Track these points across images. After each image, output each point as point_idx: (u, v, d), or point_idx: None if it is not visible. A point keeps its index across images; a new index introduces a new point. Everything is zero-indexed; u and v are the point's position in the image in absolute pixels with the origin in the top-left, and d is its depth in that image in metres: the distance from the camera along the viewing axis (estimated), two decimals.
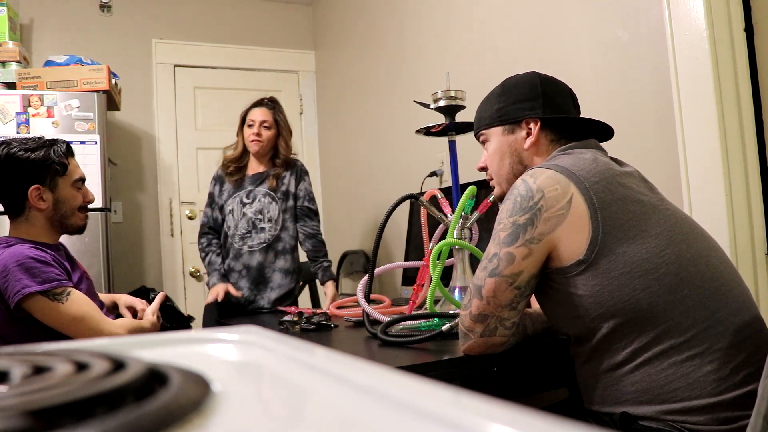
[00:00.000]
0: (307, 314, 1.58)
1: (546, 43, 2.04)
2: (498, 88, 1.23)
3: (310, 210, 2.40)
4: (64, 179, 1.56)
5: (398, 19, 2.99)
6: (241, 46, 3.78)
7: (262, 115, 2.35)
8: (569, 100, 1.21)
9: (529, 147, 1.17)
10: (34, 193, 1.51)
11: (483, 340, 1.05)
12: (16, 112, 2.59)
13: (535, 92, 1.17)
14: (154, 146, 3.53)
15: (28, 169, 1.50)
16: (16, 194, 1.52)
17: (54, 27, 3.30)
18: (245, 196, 2.34)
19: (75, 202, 1.58)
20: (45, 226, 1.55)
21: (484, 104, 1.25)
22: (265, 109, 2.37)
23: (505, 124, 1.20)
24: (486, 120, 1.23)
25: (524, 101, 1.18)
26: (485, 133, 1.24)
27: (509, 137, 1.20)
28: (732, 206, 1.47)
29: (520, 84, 1.20)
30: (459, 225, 1.42)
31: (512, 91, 1.20)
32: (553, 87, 1.20)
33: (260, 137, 2.32)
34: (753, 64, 1.54)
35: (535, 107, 1.17)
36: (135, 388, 0.27)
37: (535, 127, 1.16)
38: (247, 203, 2.33)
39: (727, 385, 0.93)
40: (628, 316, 0.97)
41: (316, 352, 0.39)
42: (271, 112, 2.37)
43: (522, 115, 1.17)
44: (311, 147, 3.97)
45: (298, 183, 2.40)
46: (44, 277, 1.40)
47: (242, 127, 2.38)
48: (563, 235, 0.99)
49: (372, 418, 0.27)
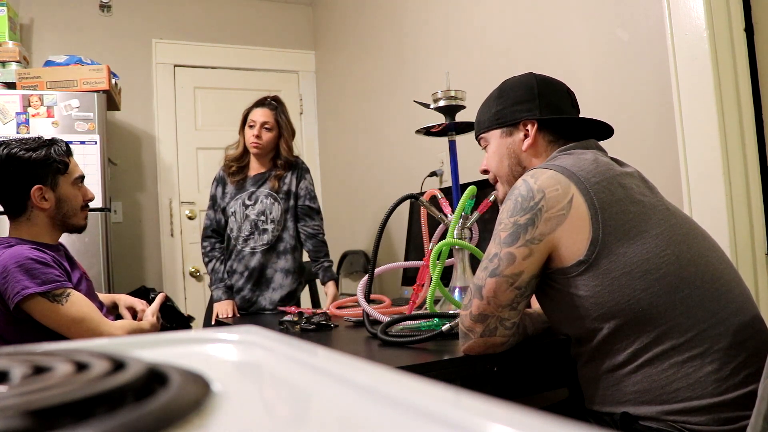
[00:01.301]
0: (307, 314, 1.58)
1: (546, 43, 2.04)
2: (496, 91, 1.24)
3: (311, 209, 2.38)
4: (65, 178, 1.56)
5: (398, 18, 2.99)
6: (241, 46, 3.78)
7: (264, 115, 2.32)
8: (567, 100, 1.21)
9: (527, 148, 1.18)
10: (37, 193, 1.50)
11: (483, 340, 1.05)
12: (16, 112, 2.59)
13: (531, 94, 1.18)
14: (154, 146, 3.53)
15: (30, 168, 1.50)
16: (18, 194, 1.51)
17: (54, 27, 3.30)
18: (247, 197, 2.32)
19: (77, 201, 1.58)
20: (47, 226, 1.55)
21: (483, 108, 1.26)
22: (267, 109, 2.34)
23: (503, 127, 1.21)
24: (485, 123, 1.24)
25: (521, 103, 1.18)
26: (485, 136, 1.25)
27: (507, 139, 1.20)
28: (732, 206, 1.47)
29: (517, 86, 1.21)
30: (459, 225, 1.42)
31: (509, 94, 1.21)
32: (549, 88, 1.20)
33: (260, 140, 2.30)
34: (753, 64, 1.54)
35: (532, 108, 1.17)
36: (135, 388, 0.27)
37: (532, 128, 1.17)
38: (250, 205, 2.32)
39: (728, 385, 0.93)
40: (628, 317, 0.97)
41: (316, 352, 0.39)
42: (273, 112, 2.35)
43: (519, 117, 1.18)
44: (311, 147, 3.97)
45: (299, 182, 2.38)
46: (44, 278, 1.40)
47: (244, 126, 2.36)
48: (564, 236, 0.99)
49: (372, 418, 0.27)
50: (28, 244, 1.48)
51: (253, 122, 2.32)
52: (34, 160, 1.50)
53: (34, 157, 1.50)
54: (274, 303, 2.30)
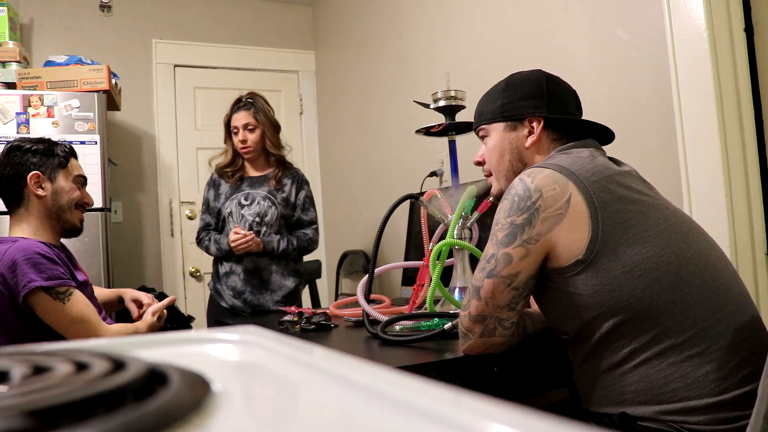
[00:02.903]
0: (307, 314, 1.58)
1: (546, 43, 2.04)
2: (502, 83, 1.22)
3: (304, 221, 2.36)
4: (65, 172, 1.58)
5: (398, 19, 2.99)
6: (241, 46, 3.78)
7: (244, 118, 2.30)
8: (573, 102, 1.21)
9: (530, 145, 1.17)
10: (34, 179, 1.52)
11: (482, 340, 1.05)
12: (16, 112, 2.59)
13: (540, 91, 1.17)
14: (154, 146, 3.53)
15: (30, 156, 1.54)
16: (15, 181, 1.53)
17: (54, 27, 3.30)
18: (243, 198, 2.30)
19: (73, 195, 1.59)
20: (43, 220, 1.56)
21: (487, 99, 1.24)
22: (244, 111, 2.31)
23: (507, 121, 1.19)
24: (488, 115, 1.21)
25: (529, 99, 1.17)
26: (486, 128, 1.22)
27: (511, 134, 1.19)
28: (732, 206, 1.47)
29: (526, 81, 1.19)
30: (459, 225, 1.42)
31: (517, 88, 1.19)
32: (558, 87, 1.19)
33: (246, 143, 2.29)
34: (753, 64, 1.54)
35: (540, 106, 1.16)
36: (135, 388, 0.27)
37: (538, 126, 1.16)
38: (246, 205, 2.30)
39: (727, 385, 0.93)
40: (627, 316, 0.96)
41: (316, 352, 0.39)
42: (251, 112, 2.31)
43: (526, 113, 1.17)
44: (311, 147, 3.97)
45: (299, 192, 2.36)
46: (50, 274, 1.41)
47: (230, 134, 2.35)
48: (561, 235, 0.99)
49: (372, 417, 0.27)
50: (35, 240, 1.49)
51: (236, 128, 2.31)
52: (35, 150, 1.55)
53: (35, 148, 1.55)
54: (276, 304, 2.29)
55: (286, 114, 3.89)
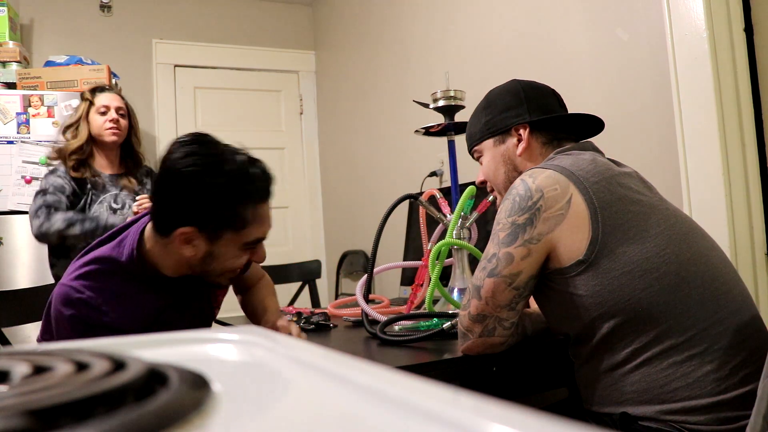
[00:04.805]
0: (305, 314, 1.58)
1: (546, 43, 2.04)
2: (482, 102, 1.25)
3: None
4: (236, 236, 1.12)
5: (398, 18, 3.00)
6: (241, 46, 3.78)
7: (117, 100, 2.06)
8: (554, 100, 1.22)
9: (521, 153, 1.18)
10: (181, 236, 1.10)
11: (482, 340, 1.05)
12: (17, 112, 2.59)
13: (518, 99, 1.19)
14: (154, 146, 3.53)
15: (194, 203, 1.09)
16: (169, 216, 1.12)
17: (54, 27, 3.30)
18: (113, 201, 2.03)
19: (234, 264, 1.16)
20: (178, 264, 1.16)
21: (472, 120, 1.27)
22: (116, 94, 2.09)
23: (495, 135, 1.21)
24: (476, 135, 1.25)
25: (510, 109, 1.19)
26: (477, 148, 1.26)
27: (501, 147, 1.21)
28: (732, 206, 1.48)
29: (504, 93, 1.22)
30: (458, 225, 1.42)
31: (496, 102, 1.21)
32: (535, 90, 1.21)
33: (118, 125, 2.02)
34: (753, 64, 1.54)
35: (521, 113, 1.18)
36: (135, 388, 0.27)
37: (524, 132, 1.18)
38: (117, 209, 2.03)
39: (727, 384, 0.93)
40: (628, 316, 0.97)
41: (316, 352, 0.39)
42: (123, 99, 2.10)
43: (510, 123, 1.19)
44: (311, 147, 3.97)
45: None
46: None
47: (88, 113, 2.02)
48: (562, 236, 0.99)
49: (372, 417, 0.27)
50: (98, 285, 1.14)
51: (106, 108, 2.02)
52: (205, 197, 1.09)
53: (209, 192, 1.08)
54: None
55: (286, 114, 3.89)
